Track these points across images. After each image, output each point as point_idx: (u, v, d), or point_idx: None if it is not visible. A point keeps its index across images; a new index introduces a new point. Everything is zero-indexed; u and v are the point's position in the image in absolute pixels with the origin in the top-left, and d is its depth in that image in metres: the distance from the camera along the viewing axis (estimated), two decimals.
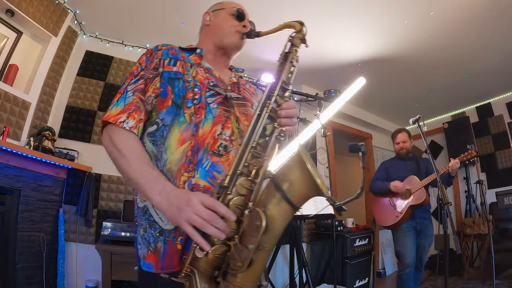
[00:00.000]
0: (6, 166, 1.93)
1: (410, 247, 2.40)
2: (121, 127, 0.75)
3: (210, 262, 0.64)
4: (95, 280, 2.26)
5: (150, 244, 0.76)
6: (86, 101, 2.71)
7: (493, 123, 4.15)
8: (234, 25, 0.96)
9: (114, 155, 0.74)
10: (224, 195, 0.68)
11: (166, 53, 0.87)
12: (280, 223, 0.64)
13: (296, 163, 0.65)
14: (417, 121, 2.17)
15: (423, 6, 2.40)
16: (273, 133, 0.73)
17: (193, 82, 0.84)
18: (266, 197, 0.66)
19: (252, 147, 0.70)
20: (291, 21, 0.81)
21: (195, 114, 0.80)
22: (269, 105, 0.74)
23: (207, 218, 0.61)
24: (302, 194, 0.65)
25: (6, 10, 2.15)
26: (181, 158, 0.77)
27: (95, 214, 2.49)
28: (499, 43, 2.86)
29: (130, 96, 0.79)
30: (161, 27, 2.75)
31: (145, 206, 0.79)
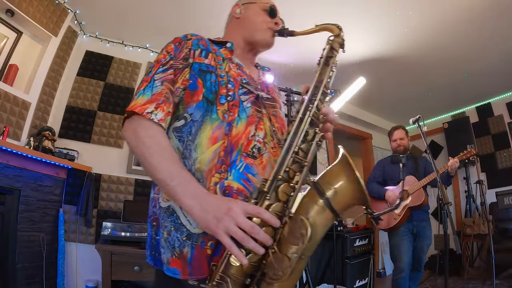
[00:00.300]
0: (6, 166, 1.93)
1: (405, 252, 2.36)
2: (148, 119, 0.68)
3: (244, 270, 0.61)
4: (95, 280, 2.26)
5: (175, 249, 0.69)
6: (86, 101, 2.71)
7: (493, 123, 4.15)
8: (266, 21, 0.92)
9: (139, 150, 0.67)
10: (262, 201, 0.64)
11: (197, 43, 0.82)
12: (321, 231, 0.62)
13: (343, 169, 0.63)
14: (417, 121, 2.16)
15: (423, 6, 2.40)
16: (315, 138, 0.70)
17: (227, 77, 0.79)
18: (308, 203, 0.63)
19: (294, 151, 0.68)
20: (328, 24, 0.79)
21: (228, 111, 0.76)
22: (311, 109, 0.71)
23: (249, 230, 0.57)
24: (346, 202, 0.63)
25: (6, 10, 2.15)
26: (213, 158, 0.72)
27: (95, 214, 2.49)
28: (499, 43, 2.86)
29: (159, 86, 0.73)
30: (161, 27, 2.75)
31: (170, 206, 0.73)
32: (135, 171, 2.73)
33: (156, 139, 0.68)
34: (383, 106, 4.42)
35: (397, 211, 2.40)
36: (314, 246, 0.62)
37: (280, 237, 0.62)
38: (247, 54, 0.95)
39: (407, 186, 2.43)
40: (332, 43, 0.78)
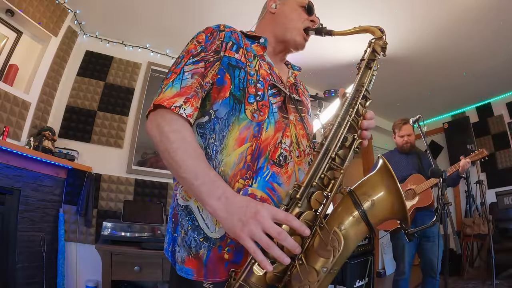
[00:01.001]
0: (6, 166, 1.93)
1: (407, 254, 2.25)
2: (176, 113, 0.64)
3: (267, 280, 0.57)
4: (95, 280, 2.26)
5: (191, 249, 0.66)
6: (86, 101, 2.71)
7: (493, 123, 4.15)
8: (303, 18, 0.88)
9: (164, 146, 0.63)
10: (293, 209, 0.60)
11: (229, 36, 0.77)
12: (353, 244, 0.58)
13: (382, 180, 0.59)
14: (417, 121, 2.15)
15: (423, 6, 2.40)
16: (353, 144, 0.65)
17: (256, 76, 0.75)
18: (342, 214, 0.58)
19: (331, 157, 0.63)
20: (370, 26, 0.76)
21: (258, 111, 0.71)
22: (352, 114, 0.67)
23: (275, 236, 0.53)
24: (384, 215, 0.58)
25: (6, 10, 2.15)
26: (239, 162, 0.68)
27: (95, 214, 2.49)
28: (499, 43, 2.86)
29: (188, 79, 0.68)
30: (161, 27, 2.75)
31: (188, 206, 0.69)
32: (135, 171, 2.73)
33: (182, 134, 0.64)
34: (383, 106, 4.42)
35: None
36: (343, 260, 0.58)
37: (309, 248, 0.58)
38: (278, 53, 0.91)
39: (413, 185, 2.29)
40: (374, 45, 0.75)
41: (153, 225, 2.23)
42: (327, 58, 3.16)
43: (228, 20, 1.52)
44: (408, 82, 3.68)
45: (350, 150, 0.65)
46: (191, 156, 0.62)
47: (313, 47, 3.03)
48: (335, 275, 0.58)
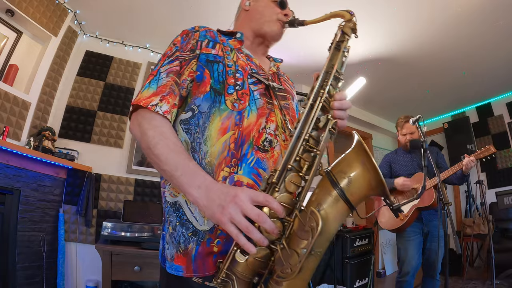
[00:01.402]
0: (6, 166, 1.93)
1: (412, 254, 2.17)
2: (153, 111, 0.67)
3: (250, 267, 0.57)
4: (95, 280, 2.26)
5: (179, 245, 0.67)
6: (86, 101, 2.71)
7: (493, 123, 4.16)
8: (276, 12, 0.90)
9: (145, 143, 0.66)
10: (271, 193, 0.60)
11: (204, 35, 0.80)
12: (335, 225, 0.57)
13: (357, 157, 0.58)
14: (417, 121, 2.14)
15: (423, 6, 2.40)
16: (327, 125, 0.65)
17: (234, 66, 0.77)
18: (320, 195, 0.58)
19: (305, 139, 0.63)
20: (339, 10, 0.77)
21: (238, 100, 0.73)
22: (322, 95, 0.67)
23: (255, 218, 0.54)
24: (362, 192, 0.58)
25: (6, 10, 2.15)
26: (223, 150, 0.69)
27: (95, 214, 2.49)
28: (499, 43, 2.86)
29: (164, 78, 0.72)
30: (161, 27, 2.75)
31: (177, 202, 0.70)
32: (135, 171, 2.73)
33: (160, 129, 0.66)
34: (383, 106, 4.42)
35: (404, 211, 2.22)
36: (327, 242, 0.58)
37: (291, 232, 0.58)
38: (258, 47, 0.93)
39: (416, 184, 2.23)
40: (343, 28, 0.75)
41: (153, 225, 2.23)
42: None
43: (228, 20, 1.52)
44: (408, 82, 3.68)
45: (325, 131, 0.65)
46: (171, 149, 0.64)
47: (313, 47, 3.04)
48: (320, 258, 0.58)
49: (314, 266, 0.58)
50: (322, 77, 0.70)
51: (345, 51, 0.73)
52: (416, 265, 2.18)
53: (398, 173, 2.40)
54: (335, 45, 0.74)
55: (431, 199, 2.11)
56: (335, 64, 0.71)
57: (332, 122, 0.66)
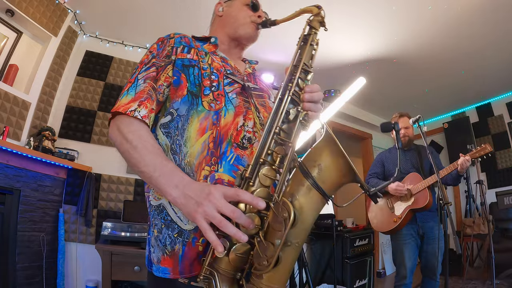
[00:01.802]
0: (6, 166, 1.93)
1: (408, 257, 2.12)
2: (131, 116, 0.69)
3: (232, 262, 0.58)
4: (95, 280, 2.26)
5: (166, 247, 0.68)
6: (86, 101, 2.71)
7: (493, 123, 4.16)
8: (249, 15, 0.92)
9: (124, 147, 0.67)
10: (246, 187, 0.62)
11: (179, 41, 0.83)
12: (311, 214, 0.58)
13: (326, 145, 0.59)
14: (417, 121, 2.14)
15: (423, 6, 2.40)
16: (297, 117, 0.67)
17: (210, 69, 0.79)
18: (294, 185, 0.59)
19: (275, 133, 0.65)
20: (308, 6, 0.78)
21: (214, 100, 0.75)
22: (291, 88, 0.69)
23: (229, 214, 0.55)
24: (334, 180, 0.58)
25: (6, 10, 2.15)
26: (203, 150, 0.71)
27: (95, 214, 2.49)
28: (500, 43, 2.86)
29: (141, 84, 0.74)
30: (161, 27, 2.75)
31: (161, 204, 0.72)
32: None
33: (138, 133, 0.68)
34: (383, 106, 4.42)
35: (397, 213, 2.17)
36: (304, 232, 0.58)
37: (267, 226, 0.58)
38: (234, 49, 0.96)
39: (410, 185, 2.18)
40: (311, 22, 0.76)
41: None
42: (327, 58, 3.16)
43: None
44: (408, 83, 3.68)
45: (296, 123, 0.67)
46: (149, 151, 0.65)
47: None
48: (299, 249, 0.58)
49: (293, 258, 0.58)
50: (290, 70, 0.72)
51: (313, 44, 0.74)
52: (412, 268, 2.14)
53: (391, 172, 2.35)
54: (303, 39, 0.75)
55: (426, 200, 2.07)
56: (303, 57, 0.72)
57: (303, 114, 0.67)
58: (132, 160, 0.66)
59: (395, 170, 2.31)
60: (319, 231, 3.29)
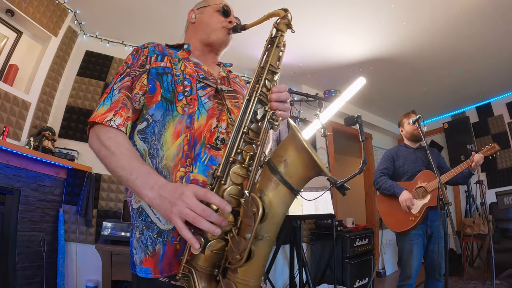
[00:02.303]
0: (6, 166, 1.93)
1: (416, 257, 2.10)
2: (108, 126, 0.73)
3: (208, 259, 0.60)
4: (95, 280, 2.26)
5: (147, 247, 0.71)
6: (86, 101, 2.71)
7: (493, 123, 4.16)
8: (220, 21, 0.95)
9: (103, 153, 0.71)
10: (218, 186, 0.64)
11: (153, 50, 0.86)
12: (280, 209, 0.60)
13: (291, 141, 0.61)
14: (417, 121, 2.14)
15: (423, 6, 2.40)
16: (265, 117, 0.70)
17: (182, 75, 0.83)
18: (263, 182, 0.62)
19: (244, 132, 0.68)
20: (275, 10, 0.81)
21: (187, 105, 0.79)
22: (258, 89, 0.72)
23: (200, 213, 0.57)
24: (300, 175, 0.61)
25: (6, 10, 2.15)
26: (178, 152, 0.75)
27: (95, 214, 2.49)
28: (499, 43, 2.86)
29: (116, 94, 0.78)
30: (161, 27, 2.75)
31: (141, 206, 0.75)
32: None
33: (115, 140, 0.72)
34: (383, 106, 4.42)
35: (414, 211, 2.14)
36: (274, 226, 0.60)
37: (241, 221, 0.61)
38: (208, 55, 0.98)
39: (424, 182, 2.16)
40: (278, 25, 0.79)
41: None
42: (327, 58, 3.16)
43: None
44: (408, 82, 3.68)
45: (264, 122, 0.70)
46: (126, 155, 0.69)
47: (313, 47, 3.04)
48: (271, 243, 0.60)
49: (265, 251, 0.60)
50: (257, 72, 0.75)
51: (280, 46, 0.78)
52: (418, 268, 2.12)
53: (402, 169, 2.33)
54: (270, 41, 0.78)
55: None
56: (270, 59, 0.75)
57: (270, 113, 0.71)
58: (110, 165, 0.70)
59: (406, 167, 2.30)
60: (319, 231, 3.29)
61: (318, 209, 2.43)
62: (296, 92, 2.86)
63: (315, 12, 2.46)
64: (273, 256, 2.64)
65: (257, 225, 0.55)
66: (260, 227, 0.57)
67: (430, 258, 2.14)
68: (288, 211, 0.63)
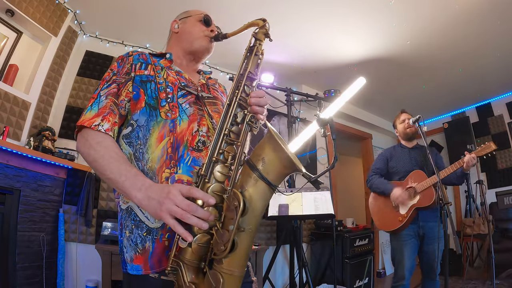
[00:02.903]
0: (6, 166, 1.93)
1: (408, 257, 2.10)
2: (96, 130, 0.76)
3: (195, 252, 0.65)
4: (95, 280, 2.26)
5: (137, 245, 0.75)
6: (86, 101, 2.71)
7: (493, 123, 4.16)
8: (202, 30, 1.00)
9: (91, 157, 0.74)
10: (203, 184, 0.69)
11: (137, 58, 0.90)
12: (260, 203, 0.65)
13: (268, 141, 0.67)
14: (417, 121, 2.14)
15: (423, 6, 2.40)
16: (245, 120, 0.76)
17: (165, 83, 0.87)
18: (243, 178, 0.67)
19: (225, 134, 0.73)
20: (254, 20, 0.86)
21: (170, 110, 0.83)
22: (237, 94, 0.77)
23: (186, 208, 0.61)
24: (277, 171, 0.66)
25: (6, 10, 2.15)
26: (162, 155, 0.79)
27: (95, 214, 2.49)
28: (499, 43, 2.86)
29: (104, 100, 0.81)
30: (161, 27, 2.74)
31: (129, 206, 0.79)
32: None
33: (104, 144, 0.75)
34: (383, 106, 4.42)
35: (403, 212, 2.15)
36: (255, 219, 0.65)
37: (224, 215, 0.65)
38: (190, 63, 1.03)
39: (414, 183, 2.16)
40: (256, 34, 0.84)
41: None
42: (327, 58, 3.16)
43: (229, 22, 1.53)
44: (408, 82, 3.68)
45: (243, 125, 0.76)
46: (115, 159, 0.73)
47: (313, 48, 3.04)
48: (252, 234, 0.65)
49: (248, 242, 0.65)
50: (237, 78, 0.81)
51: (258, 54, 0.83)
52: (411, 268, 2.11)
53: (394, 169, 2.35)
54: (249, 50, 0.84)
55: (431, 198, 2.03)
56: (249, 66, 0.81)
57: (249, 116, 0.76)
58: (99, 168, 0.73)
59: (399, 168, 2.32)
60: (319, 231, 3.29)
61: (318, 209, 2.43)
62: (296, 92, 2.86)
63: (315, 12, 2.47)
64: (273, 256, 2.64)
65: (239, 217, 0.60)
66: (242, 220, 0.62)
67: (425, 259, 2.13)
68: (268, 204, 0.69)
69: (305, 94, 2.85)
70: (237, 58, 1.09)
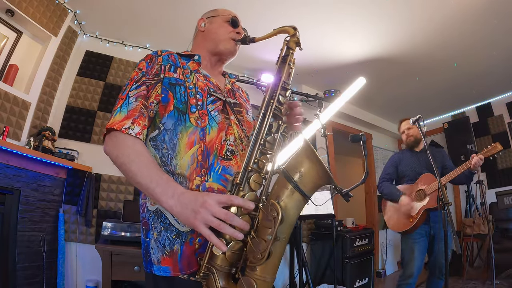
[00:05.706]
0: (6, 166, 1.93)
1: (418, 256, 2.16)
2: (126, 134, 0.75)
3: (227, 259, 0.66)
4: (95, 280, 2.26)
5: (165, 248, 0.75)
6: (86, 101, 2.71)
7: (493, 123, 4.16)
8: (229, 31, 0.99)
9: (121, 160, 0.73)
10: (237, 192, 0.70)
11: (167, 59, 0.88)
12: (294, 212, 0.67)
13: (305, 155, 0.69)
14: (417, 121, 2.14)
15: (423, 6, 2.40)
16: (279, 130, 0.77)
17: (195, 88, 0.86)
18: (279, 189, 0.68)
19: (261, 144, 0.74)
20: (284, 26, 0.86)
21: (200, 118, 0.83)
22: (272, 104, 0.78)
23: (224, 218, 0.62)
24: (313, 183, 0.68)
25: (6, 10, 2.15)
26: (192, 162, 0.78)
27: (95, 214, 2.49)
28: (499, 43, 2.86)
29: (133, 102, 0.79)
30: (161, 27, 2.75)
31: (158, 209, 0.78)
32: None
33: (134, 148, 0.74)
34: (383, 106, 4.42)
35: (413, 213, 2.22)
36: (289, 228, 0.67)
37: (258, 225, 0.67)
38: (215, 65, 1.02)
39: (424, 185, 2.25)
40: (288, 43, 0.84)
41: None
42: (327, 58, 3.16)
43: None
44: (408, 82, 3.68)
45: (277, 135, 0.77)
46: (145, 164, 0.72)
47: (313, 48, 3.03)
48: (285, 243, 0.67)
49: (281, 250, 0.67)
50: (272, 89, 0.81)
51: (290, 64, 0.83)
52: (420, 267, 2.16)
53: (404, 174, 2.42)
54: (282, 59, 0.84)
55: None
56: (283, 75, 0.81)
57: (283, 127, 0.78)
58: (129, 173, 0.72)
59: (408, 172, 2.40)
60: (319, 231, 3.29)
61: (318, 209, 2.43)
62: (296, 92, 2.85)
63: (315, 12, 2.46)
64: None
65: (277, 228, 0.62)
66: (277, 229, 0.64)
67: (434, 258, 2.19)
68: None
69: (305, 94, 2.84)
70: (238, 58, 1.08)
